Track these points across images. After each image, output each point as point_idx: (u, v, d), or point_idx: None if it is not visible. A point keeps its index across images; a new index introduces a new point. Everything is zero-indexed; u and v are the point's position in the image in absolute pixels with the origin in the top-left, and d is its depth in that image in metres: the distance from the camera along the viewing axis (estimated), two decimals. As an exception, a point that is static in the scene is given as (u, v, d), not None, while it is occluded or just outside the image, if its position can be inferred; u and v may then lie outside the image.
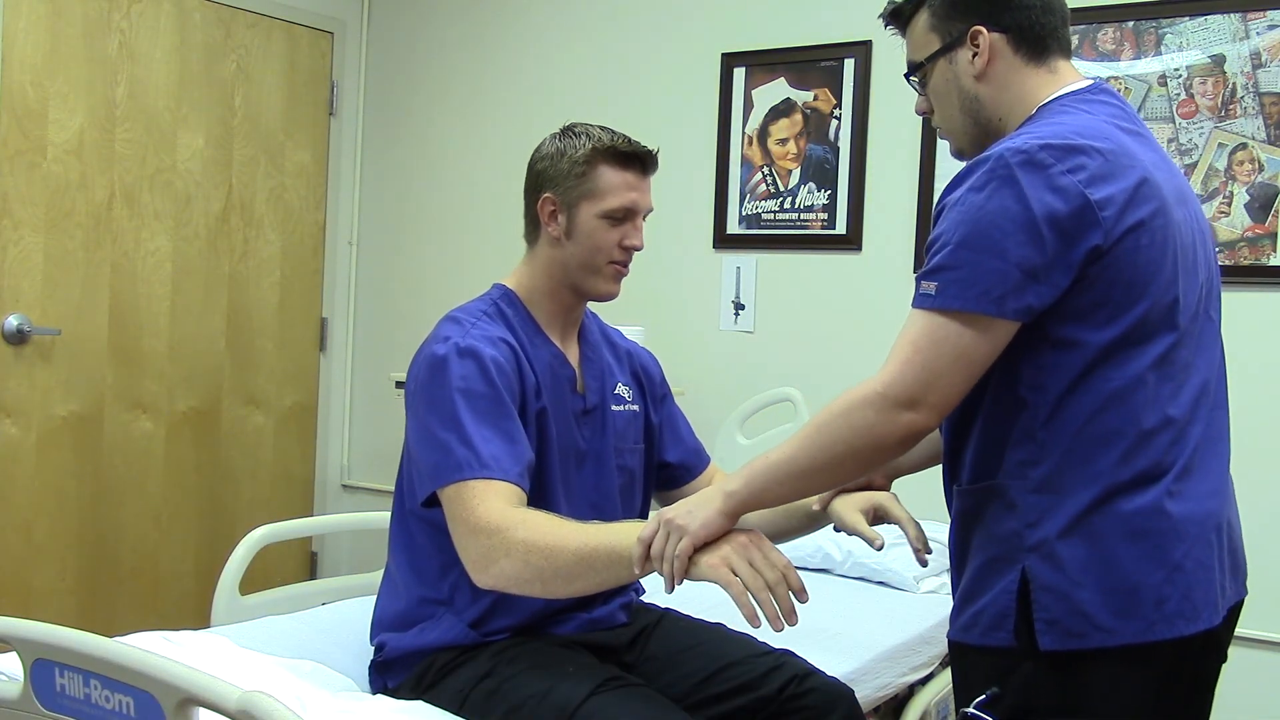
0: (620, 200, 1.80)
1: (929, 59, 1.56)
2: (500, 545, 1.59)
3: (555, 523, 1.60)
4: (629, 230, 1.82)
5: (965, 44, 1.53)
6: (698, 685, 1.78)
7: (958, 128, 1.58)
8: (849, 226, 3.28)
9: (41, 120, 3.28)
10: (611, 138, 1.82)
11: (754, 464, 1.52)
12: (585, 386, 1.89)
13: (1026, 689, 1.41)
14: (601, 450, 1.89)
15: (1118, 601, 1.37)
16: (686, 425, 2.09)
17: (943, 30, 1.54)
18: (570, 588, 1.59)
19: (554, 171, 1.82)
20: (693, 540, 1.48)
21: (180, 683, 1.20)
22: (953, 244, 1.38)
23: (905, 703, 2.33)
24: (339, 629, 2.04)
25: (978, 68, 1.53)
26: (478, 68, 3.95)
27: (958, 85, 1.55)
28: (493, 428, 1.67)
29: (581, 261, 1.82)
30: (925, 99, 1.61)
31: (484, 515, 1.61)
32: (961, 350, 1.36)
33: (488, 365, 1.71)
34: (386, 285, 4.14)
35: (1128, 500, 1.38)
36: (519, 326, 1.83)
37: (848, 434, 1.41)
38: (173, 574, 3.65)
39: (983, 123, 1.55)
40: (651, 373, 2.06)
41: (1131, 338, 1.39)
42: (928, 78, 1.58)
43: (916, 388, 1.37)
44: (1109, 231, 1.36)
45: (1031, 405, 1.41)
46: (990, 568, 1.44)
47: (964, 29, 1.52)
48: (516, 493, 1.65)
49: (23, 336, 3.26)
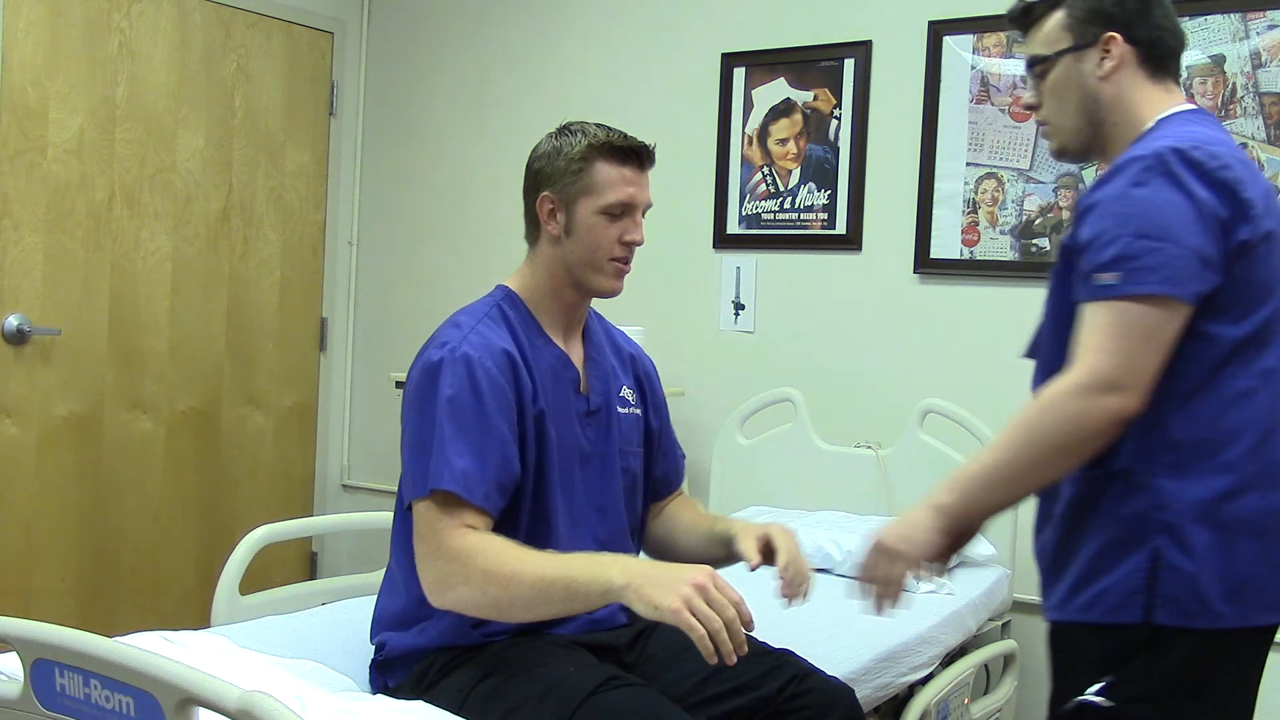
0: (617, 195, 1.80)
1: (1057, 54, 1.63)
2: (459, 572, 1.63)
3: (515, 553, 1.62)
4: (628, 225, 1.82)
5: (1096, 47, 1.60)
6: (698, 685, 1.78)
7: (1069, 125, 1.65)
8: (849, 226, 3.28)
9: (41, 120, 3.28)
10: (607, 133, 1.82)
11: (958, 476, 1.56)
12: (589, 387, 1.89)
13: (1146, 665, 1.48)
14: (607, 451, 1.89)
15: (1229, 589, 1.47)
16: (675, 440, 2.11)
17: (1077, 32, 1.62)
18: (528, 615, 1.63)
19: (551, 170, 1.82)
20: (909, 565, 1.55)
21: (180, 683, 1.20)
22: (1128, 235, 1.45)
23: (905, 703, 2.33)
24: (339, 629, 2.04)
25: (1104, 70, 1.60)
26: (478, 68, 3.95)
27: (1080, 84, 1.62)
28: (470, 443, 1.67)
29: (582, 259, 1.82)
30: (1037, 93, 1.68)
31: (446, 540, 1.64)
32: (1152, 332, 1.44)
33: (479, 376, 1.71)
34: (386, 285, 4.14)
35: (1258, 497, 1.48)
36: (520, 328, 1.82)
37: (1056, 427, 1.46)
38: (173, 574, 3.65)
39: (1096, 124, 1.63)
40: (653, 379, 2.07)
41: (1259, 337, 1.49)
42: (1049, 72, 1.64)
43: (1116, 373, 1.43)
44: (1255, 229, 1.47)
45: (1168, 394, 1.47)
46: (1115, 548, 1.50)
47: (1099, 34, 1.60)
48: (482, 515, 1.67)
49: (23, 336, 3.26)
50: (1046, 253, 2.99)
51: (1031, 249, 3.01)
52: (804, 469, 3.18)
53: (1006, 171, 3.04)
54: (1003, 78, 3.04)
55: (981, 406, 3.00)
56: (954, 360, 3.12)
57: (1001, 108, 3.04)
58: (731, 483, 3.28)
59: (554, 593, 1.58)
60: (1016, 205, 3.03)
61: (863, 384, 3.26)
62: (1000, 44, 3.05)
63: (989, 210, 3.06)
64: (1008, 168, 3.04)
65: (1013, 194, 3.03)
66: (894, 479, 3.06)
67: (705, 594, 1.49)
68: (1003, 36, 3.04)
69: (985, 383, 3.06)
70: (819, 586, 2.65)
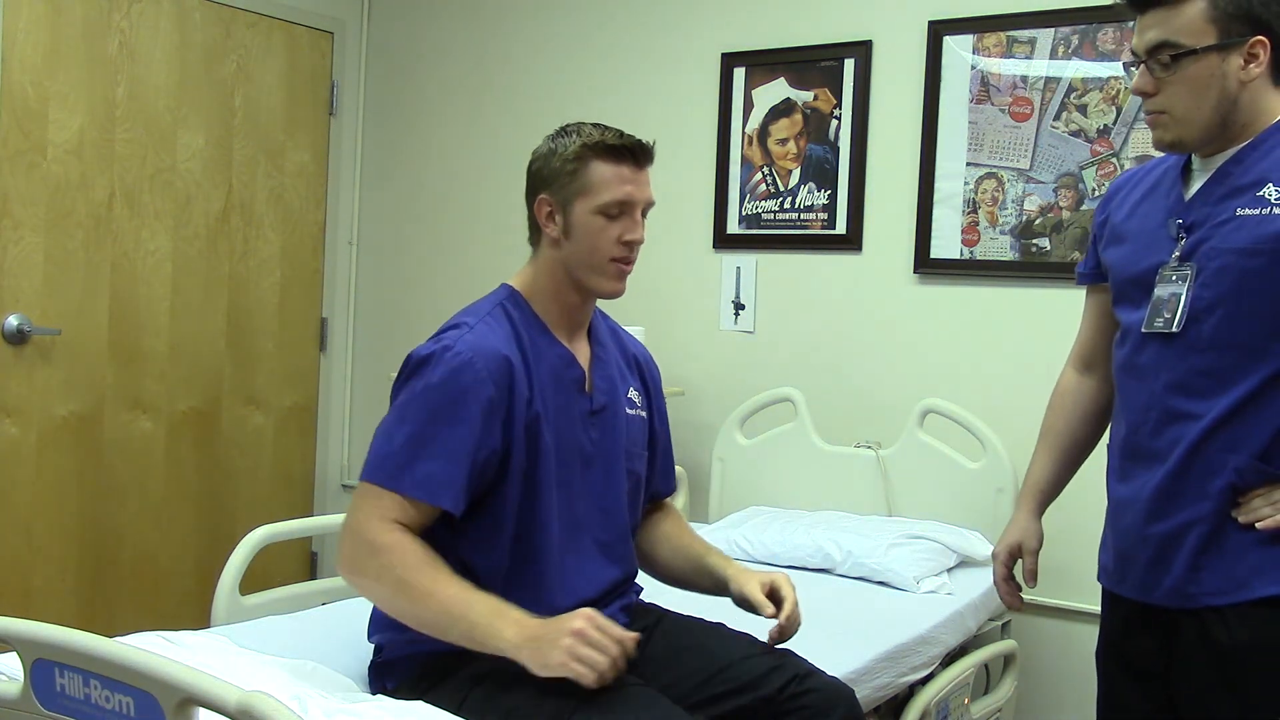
0: (613, 194, 1.78)
1: (1203, 49, 1.58)
2: (375, 568, 1.65)
3: (431, 573, 1.64)
4: (628, 225, 1.80)
5: (1242, 49, 1.57)
6: (698, 685, 1.78)
7: (1197, 120, 1.62)
8: (849, 226, 3.28)
9: (41, 120, 3.28)
10: (602, 132, 1.80)
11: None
12: (594, 386, 1.88)
13: None
14: (611, 452, 1.88)
15: None
16: (670, 448, 2.11)
17: (1224, 27, 1.58)
18: (421, 629, 1.66)
19: (547, 171, 1.81)
20: None
21: (180, 683, 1.20)
22: None
23: (905, 703, 2.33)
24: (339, 629, 2.04)
25: (1250, 75, 1.58)
26: (478, 68, 3.95)
27: (1222, 84, 1.59)
28: (440, 443, 1.68)
29: (581, 260, 1.81)
30: (1155, 80, 1.63)
31: (376, 531, 1.66)
32: None
33: (463, 379, 1.70)
34: (386, 285, 4.14)
35: None
36: (523, 327, 1.81)
37: None
38: (173, 574, 3.65)
39: (1228, 124, 1.61)
40: (658, 384, 2.06)
41: None
42: (1183, 65, 1.59)
43: None
44: None
45: None
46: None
47: (1247, 35, 1.57)
48: (420, 510, 1.68)
49: (23, 336, 3.26)
50: (1047, 253, 2.99)
51: (1031, 249, 3.01)
52: (804, 469, 3.18)
53: (1006, 171, 3.04)
54: (1003, 78, 3.04)
55: (981, 406, 3.00)
56: (954, 360, 3.12)
57: (1001, 108, 3.04)
58: (731, 483, 3.28)
59: (455, 628, 1.62)
60: (1016, 205, 3.03)
61: (863, 384, 3.26)
62: (1000, 44, 3.05)
63: (989, 210, 3.06)
64: (1008, 168, 3.04)
65: (1013, 194, 3.03)
66: (894, 479, 3.06)
67: (586, 638, 1.55)
68: (1003, 36, 3.04)
69: (985, 383, 3.06)
70: (819, 586, 2.66)
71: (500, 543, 1.75)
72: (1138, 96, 1.67)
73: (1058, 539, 2.13)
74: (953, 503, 2.95)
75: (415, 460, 1.67)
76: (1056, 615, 2.94)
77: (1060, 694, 2.95)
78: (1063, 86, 2.96)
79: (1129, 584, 1.73)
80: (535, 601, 1.72)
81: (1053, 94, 2.98)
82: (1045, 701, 2.99)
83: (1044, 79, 2.99)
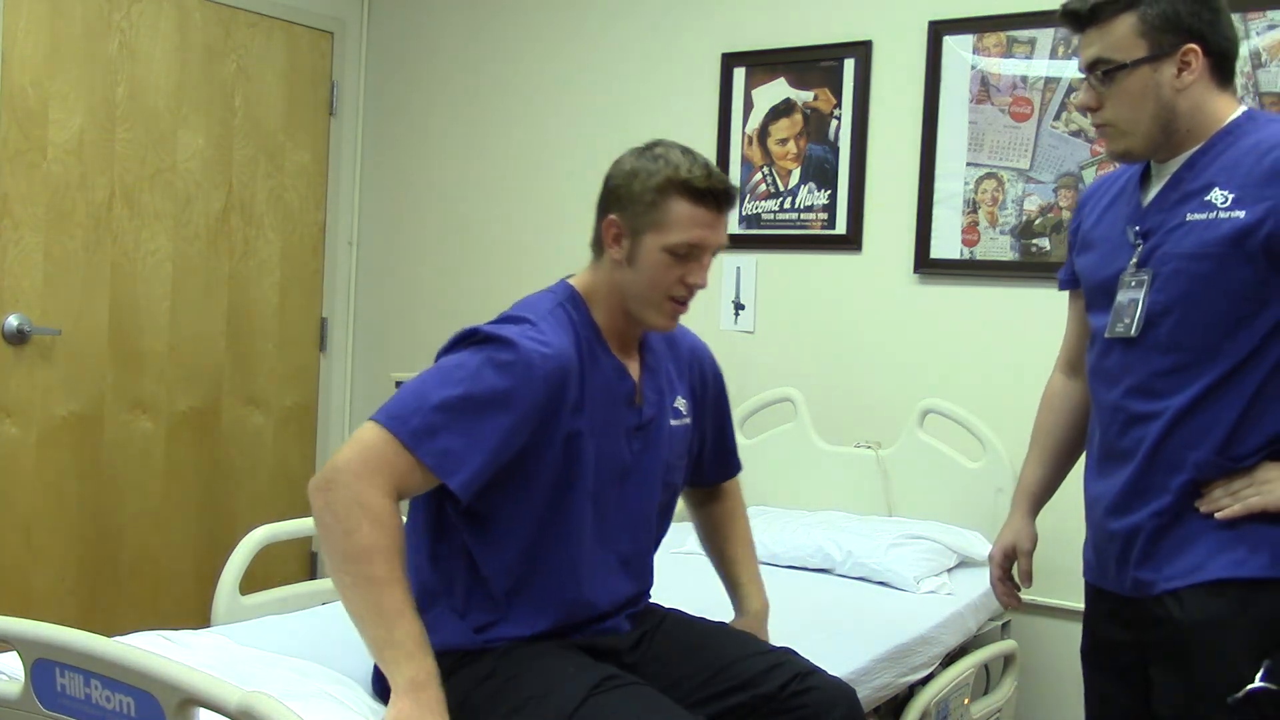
0: (687, 236, 1.72)
1: (1134, 63, 1.62)
2: (352, 520, 1.52)
3: (388, 568, 1.51)
4: (694, 268, 1.74)
5: (1174, 58, 1.61)
6: (700, 684, 1.78)
7: (1140, 131, 1.66)
8: (849, 226, 3.28)
9: (41, 120, 3.28)
10: (689, 168, 1.73)
11: None
12: (643, 399, 1.83)
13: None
14: (650, 465, 1.84)
15: None
16: (730, 427, 2.14)
17: (1153, 40, 1.62)
18: (348, 608, 1.54)
19: (625, 193, 1.74)
20: None
21: (180, 683, 1.20)
22: None
23: (905, 703, 2.33)
24: (339, 629, 2.03)
25: (1183, 83, 1.62)
26: (477, 68, 3.95)
27: (1157, 94, 1.63)
28: (472, 422, 1.59)
29: (638, 293, 1.76)
30: (1097, 95, 1.67)
31: (371, 490, 1.54)
32: None
33: (524, 374, 1.63)
34: (386, 285, 4.14)
35: None
36: (582, 332, 1.76)
37: None
38: (173, 574, 3.65)
39: (1170, 132, 1.65)
40: (707, 373, 2.04)
41: None
42: (1118, 78, 1.64)
43: None
44: None
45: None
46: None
47: (1177, 45, 1.61)
48: (427, 483, 1.60)
49: (23, 336, 3.26)
50: (1047, 253, 2.99)
51: (1031, 249, 3.01)
52: (804, 469, 3.18)
53: (1006, 171, 3.04)
54: (1003, 78, 3.04)
55: (981, 406, 3.00)
56: (954, 360, 3.12)
57: (1001, 108, 3.04)
58: (731, 483, 3.28)
59: (374, 636, 1.52)
60: (1016, 205, 3.03)
61: (863, 384, 3.26)
62: (1000, 44, 3.05)
63: (989, 210, 3.06)
64: (1008, 168, 3.04)
65: (1013, 194, 3.03)
66: (894, 479, 3.06)
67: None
68: (1003, 36, 3.04)
69: (985, 383, 3.06)
70: (819, 587, 2.66)
71: (511, 544, 1.72)
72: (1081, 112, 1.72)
73: (1057, 539, 2.13)
74: (953, 503, 2.95)
75: (443, 428, 1.58)
76: (1056, 615, 2.94)
77: (1060, 694, 2.95)
78: (1062, 86, 2.96)
79: (1108, 578, 1.77)
80: (541, 609, 1.72)
81: (1053, 94, 2.98)
82: (1045, 701, 2.99)
83: (1044, 79, 2.99)
